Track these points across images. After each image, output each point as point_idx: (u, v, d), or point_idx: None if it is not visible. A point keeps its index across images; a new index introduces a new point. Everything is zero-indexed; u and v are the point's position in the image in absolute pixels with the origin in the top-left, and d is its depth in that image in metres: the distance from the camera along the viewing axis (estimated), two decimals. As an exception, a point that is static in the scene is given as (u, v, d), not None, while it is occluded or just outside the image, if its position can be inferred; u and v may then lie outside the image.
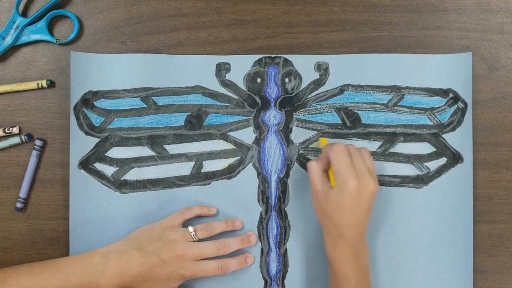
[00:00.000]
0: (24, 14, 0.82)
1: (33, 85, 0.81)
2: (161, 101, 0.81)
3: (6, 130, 0.81)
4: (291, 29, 0.82)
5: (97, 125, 0.81)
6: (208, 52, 0.82)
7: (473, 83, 0.81)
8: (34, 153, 0.81)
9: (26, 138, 0.81)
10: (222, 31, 0.82)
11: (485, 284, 0.82)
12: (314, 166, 0.74)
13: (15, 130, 0.81)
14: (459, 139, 0.81)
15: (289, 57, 0.81)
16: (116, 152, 0.81)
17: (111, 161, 0.81)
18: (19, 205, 0.81)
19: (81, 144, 0.81)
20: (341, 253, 0.72)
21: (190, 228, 0.76)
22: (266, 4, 0.82)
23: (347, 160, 0.71)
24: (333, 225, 0.72)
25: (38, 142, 0.81)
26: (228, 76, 0.81)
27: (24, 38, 0.81)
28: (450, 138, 0.81)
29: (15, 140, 0.81)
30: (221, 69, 0.81)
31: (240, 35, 0.82)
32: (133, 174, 0.81)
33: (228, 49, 0.82)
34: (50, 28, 0.82)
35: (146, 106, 0.81)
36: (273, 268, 0.80)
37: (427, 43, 0.82)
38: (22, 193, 0.81)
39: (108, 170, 0.81)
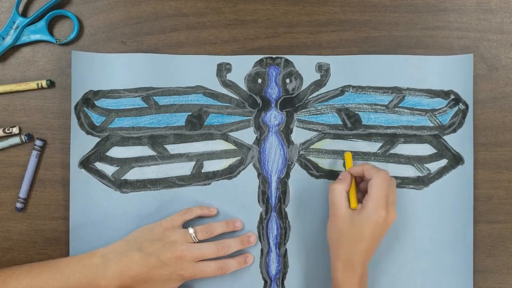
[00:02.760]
0: (24, 14, 0.82)
1: (33, 85, 0.81)
2: (162, 101, 0.81)
3: (6, 130, 0.81)
4: (291, 29, 0.82)
5: (98, 124, 0.81)
6: (208, 52, 0.82)
7: (474, 83, 0.81)
8: (34, 153, 0.81)
9: (26, 138, 0.80)
10: (222, 31, 0.82)
11: (485, 284, 0.82)
12: (339, 189, 0.73)
13: (15, 130, 0.81)
14: (460, 140, 0.81)
15: (290, 57, 0.81)
16: (116, 152, 0.81)
17: (111, 161, 0.81)
18: (19, 205, 0.81)
19: (82, 143, 0.81)
20: (351, 281, 0.72)
21: (190, 230, 0.76)
22: (266, 4, 0.82)
23: (386, 190, 0.72)
24: (346, 251, 0.72)
25: (38, 142, 0.80)
26: (229, 76, 0.81)
27: (24, 38, 0.81)
28: (451, 139, 0.81)
29: (15, 140, 0.81)
30: (222, 69, 0.81)
31: (240, 35, 0.82)
32: (134, 174, 0.81)
33: (228, 49, 0.82)
34: (50, 28, 0.82)
35: (147, 105, 0.81)
36: (273, 268, 0.81)
37: (427, 43, 0.82)
38: (22, 193, 0.81)
39: (109, 169, 0.81)
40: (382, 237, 0.73)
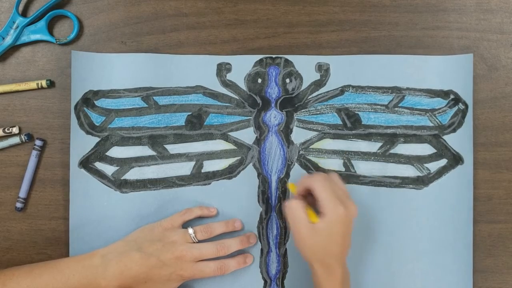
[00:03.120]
0: (24, 14, 0.82)
1: (33, 85, 0.81)
2: (162, 100, 0.81)
3: (6, 130, 0.81)
4: (291, 29, 0.82)
5: (97, 124, 0.81)
6: (208, 52, 0.82)
7: (473, 83, 0.81)
8: (34, 153, 0.81)
9: (26, 138, 0.80)
10: (222, 31, 0.82)
11: (485, 284, 0.82)
12: (297, 203, 0.71)
13: (15, 130, 0.81)
14: (460, 140, 0.81)
15: (290, 57, 0.81)
16: (116, 152, 0.81)
17: (111, 161, 0.81)
18: (19, 205, 0.81)
19: (82, 143, 0.81)
20: (334, 283, 0.71)
21: (190, 230, 0.76)
22: (266, 4, 0.82)
23: (331, 188, 0.70)
24: (323, 258, 0.70)
25: (38, 142, 0.80)
26: (229, 76, 0.81)
27: (24, 38, 0.81)
28: (451, 139, 0.81)
29: (15, 140, 0.81)
30: (222, 69, 0.81)
31: (240, 35, 0.82)
32: (134, 174, 0.81)
33: (228, 49, 0.82)
34: (50, 28, 0.82)
35: (147, 105, 0.81)
36: (273, 268, 0.81)
37: (427, 43, 0.82)
38: (22, 193, 0.81)
39: (109, 169, 0.81)
40: (351, 233, 0.71)
